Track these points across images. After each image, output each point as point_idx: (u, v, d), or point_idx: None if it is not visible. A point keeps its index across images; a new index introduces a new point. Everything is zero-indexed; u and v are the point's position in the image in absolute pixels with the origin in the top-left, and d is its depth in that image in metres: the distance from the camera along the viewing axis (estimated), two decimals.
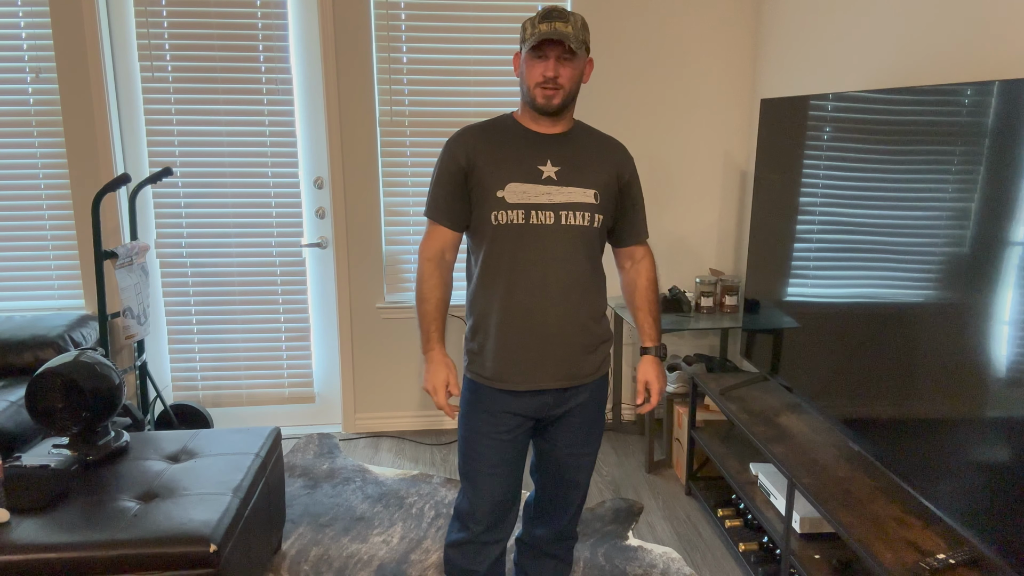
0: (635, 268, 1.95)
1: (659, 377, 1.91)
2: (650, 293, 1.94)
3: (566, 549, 2.07)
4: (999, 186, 1.55)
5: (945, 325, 1.72)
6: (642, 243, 1.95)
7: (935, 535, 1.86)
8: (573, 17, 1.69)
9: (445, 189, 1.80)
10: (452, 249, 1.85)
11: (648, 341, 1.94)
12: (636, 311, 1.95)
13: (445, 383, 1.80)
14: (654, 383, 1.91)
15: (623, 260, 1.97)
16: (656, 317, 1.94)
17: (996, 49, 1.96)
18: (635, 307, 1.96)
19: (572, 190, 1.75)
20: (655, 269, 1.96)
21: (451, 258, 1.85)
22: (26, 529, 1.88)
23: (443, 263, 1.84)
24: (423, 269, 1.83)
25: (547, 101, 1.72)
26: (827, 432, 2.45)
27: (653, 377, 1.91)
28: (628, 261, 1.96)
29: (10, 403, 2.66)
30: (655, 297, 1.94)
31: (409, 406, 3.72)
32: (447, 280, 1.85)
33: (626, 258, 1.96)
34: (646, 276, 1.94)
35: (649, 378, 1.91)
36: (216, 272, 3.49)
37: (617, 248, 1.96)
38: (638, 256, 1.95)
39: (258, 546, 2.23)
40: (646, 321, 1.93)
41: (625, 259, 1.96)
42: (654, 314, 1.94)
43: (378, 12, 3.32)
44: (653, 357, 1.93)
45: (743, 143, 3.60)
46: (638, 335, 1.95)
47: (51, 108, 3.24)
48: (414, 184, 3.49)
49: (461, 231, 1.85)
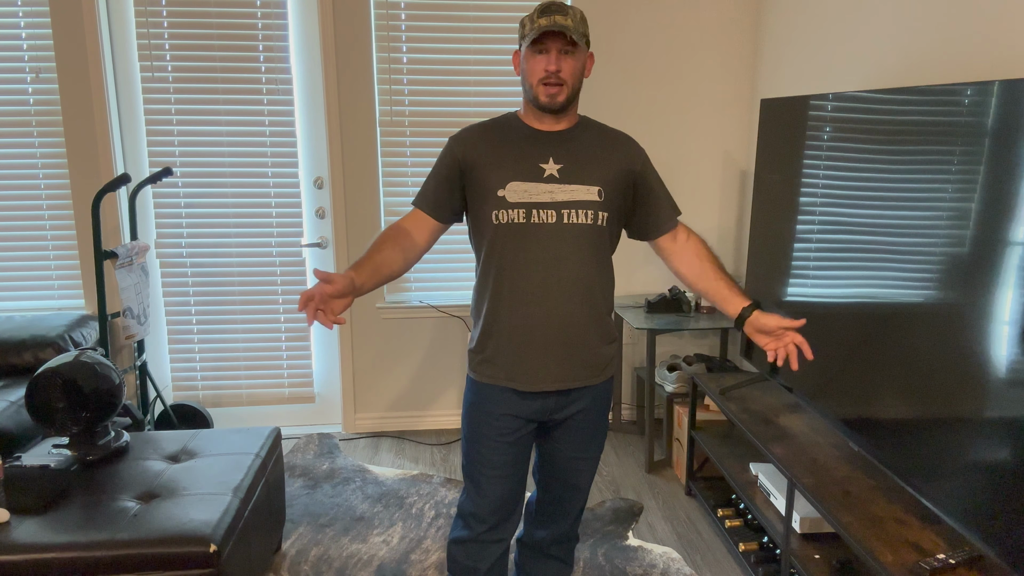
0: (682, 248, 1.85)
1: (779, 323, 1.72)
2: (709, 263, 1.82)
3: (567, 550, 2.07)
4: (999, 186, 1.55)
5: (945, 325, 1.72)
6: (675, 225, 1.86)
7: (935, 535, 1.86)
8: (572, 10, 1.68)
9: (436, 180, 1.79)
10: (422, 232, 1.78)
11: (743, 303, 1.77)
12: (708, 290, 1.81)
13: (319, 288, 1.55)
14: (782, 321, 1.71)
15: (666, 244, 1.86)
16: (731, 281, 1.81)
17: (996, 49, 1.96)
18: (704, 286, 1.82)
19: (575, 188, 1.73)
20: (704, 244, 1.85)
21: (420, 241, 1.78)
22: (26, 529, 1.88)
23: (407, 237, 1.76)
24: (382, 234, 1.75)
25: (551, 99, 1.70)
26: (827, 432, 2.45)
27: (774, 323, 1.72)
28: (671, 243, 1.86)
29: (10, 403, 2.66)
30: (717, 264, 1.83)
31: (409, 406, 3.72)
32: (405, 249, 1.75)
33: (668, 242, 1.86)
34: (695, 252, 1.83)
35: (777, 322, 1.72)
36: (216, 272, 3.49)
37: (654, 241, 1.87)
38: (681, 238, 1.85)
39: (258, 546, 2.23)
40: (725, 290, 1.79)
41: (667, 243, 1.86)
42: (726, 280, 1.80)
43: (378, 12, 3.32)
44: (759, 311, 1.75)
45: (743, 143, 3.60)
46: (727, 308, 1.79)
47: (51, 108, 3.24)
48: (414, 184, 3.49)
49: (439, 221, 1.80)
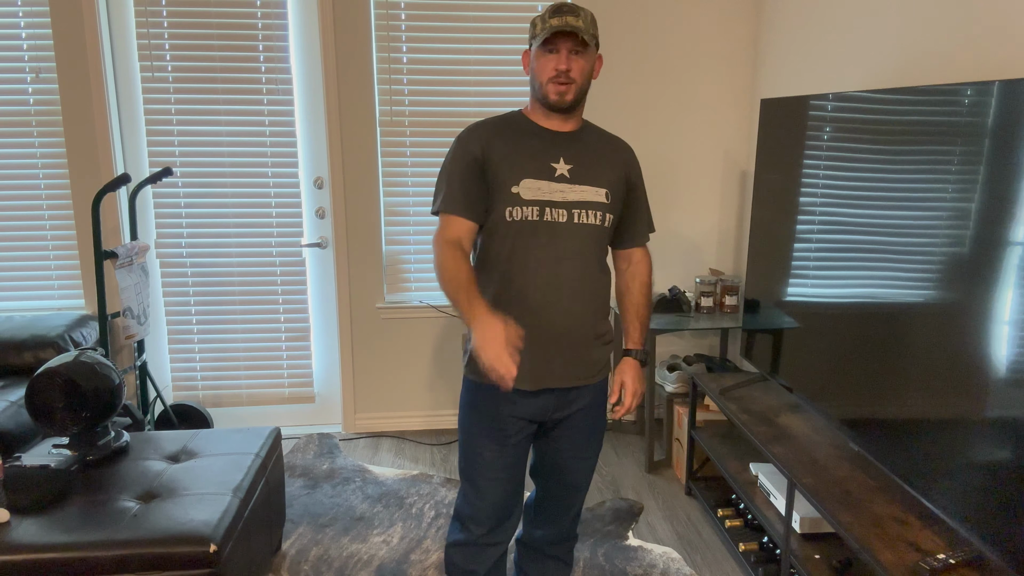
0: (631, 271, 1.93)
1: (636, 379, 1.86)
2: (642, 297, 1.91)
3: (566, 550, 2.07)
4: (999, 186, 1.55)
5: (945, 325, 1.72)
6: (641, 245, 1.94)
7: (935, 535, 1.86)
8: (583, 12, 1.69)
9: (461, 180, 1.74)
10: (468, 240, 1.76)
11: (631, 344, 1.90)
12: (624, 312, 1.93)
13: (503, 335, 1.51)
14: (629, 384, 1.85)
15: (620, 261, 1.96)
16: (644, 323, 1.91)
17: (996, 49, 1.96)
18: (624, 309, 1.93)
19: (584, 188, 1.75)
20: (651, 274, 1.94)
21: (468, 248, 1.77)
22: (26, 529, 1.88)
23: (462, 250, 1.75)
24: (443, 251, 1.69)
25: (560, 97, 1.71)
26: (827, 432, 2.45)
27: (629, 378, 1.86)
28: (625, 263, 1.94)
29: (10, 403, 2.66)
30: (647, 302, 1.92)
31: (409, 406, 3.72)
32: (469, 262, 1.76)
33: (624, 260, 1.95)
34: (640, 280, 1.92)
35: (625, 379, 1.86)
36: (216, 272, 3.49)
37: (616, 249, 1.95)
38: (636, 259, 1.93)
39: (258, 546, 2.23)
40: (632, 324, 1.90)
41: (623, 261, 1.95)
42: (642, 319, 1.91)
43: (378, 12, 3.32)
44: (633, 360, 1.88)
45: (743, 143, 3.60)
46: (623, 338, 1.93)
47: (51, 108, 3.24)
48: (414, 184, 3.49)
49: (478, 222, 1.77)
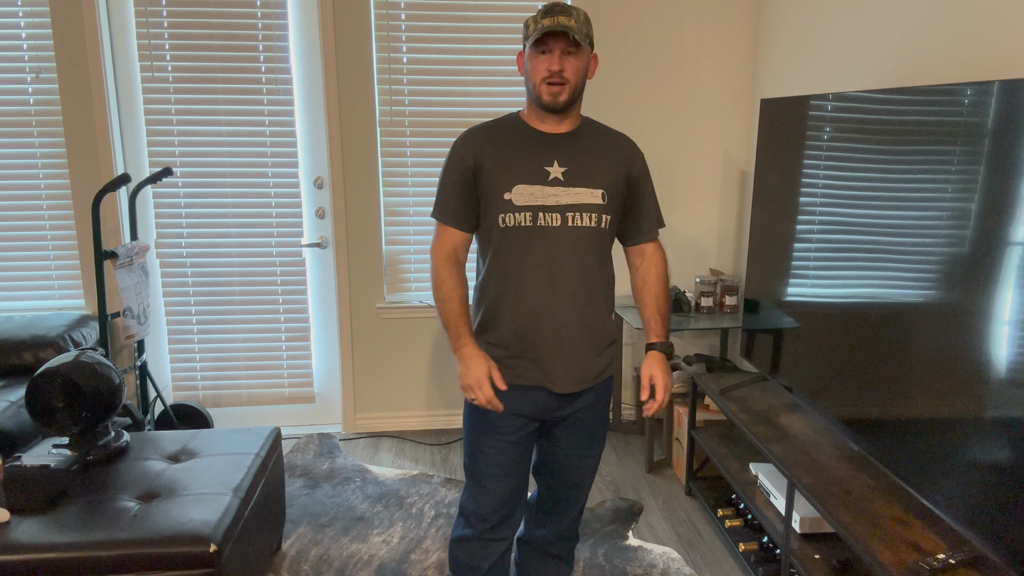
0: (645, 266, 1.90)
1: (664, 373, 1.81)
2: (659, 290, 1.88)
3: (567, 550, 2.07)
4: (999, 186, 1.55)
5: (945, 325, 1.72)
6: (652, 240, 1.91)
7: (935, 535, 1.86)
8: (576, 11, 1.69)
9: (454, 190, 1.79)
10: (463, 249, 1.82)
11: (654, 337, 1.86)
12: (644, 308, 1.89)
13: (487, 375, 1.72)
14: (659, 378, 1.81)
15: (633, 258, 1.92)
16: (665, 315, 1.88)
17: (996, 49, 1.96)
18: (643, 304, 1.89)
19: (579, 191, 1.74)
20: (666, 266, 1.91)
21: (463, 258, 1.83)
22: (26, 529, 1.88)
23: (456, 263, 1.81)
24: (439, 271, 1.79)
25: (553, 98, 1.71)
26: (827, 432, 2.45)
27: (658, 372, 1.81)
28: (639, 259, 1.91)
29: (10, 403, 2.66)
30: (665, 295, 1.89)
31: (409, 406, 3.72)
32: (463, 278, 1.81)
33: (636, 256, 1.92)
34: (656, 273, 1.89)
35: (654, 373, 1.81)
36: (216, 272, 3.49)
37: (627, 247, 1.93)
38: (648, 253, 1.90)
39: (258, 546, 2.23)
40: (653, 318, 1.87)
41: (635, 257, 1.92)
42: (662, 311, 1.88)
43: (378, 12, 3.32)
44: (659, 353, 1.84)
45: (743, 143, 3.60)
46: (645, 332, 1.91)
47: (51, 108, 3.24)
48: (414, 184, 3.49)
49: (471, 232, 1.82)
